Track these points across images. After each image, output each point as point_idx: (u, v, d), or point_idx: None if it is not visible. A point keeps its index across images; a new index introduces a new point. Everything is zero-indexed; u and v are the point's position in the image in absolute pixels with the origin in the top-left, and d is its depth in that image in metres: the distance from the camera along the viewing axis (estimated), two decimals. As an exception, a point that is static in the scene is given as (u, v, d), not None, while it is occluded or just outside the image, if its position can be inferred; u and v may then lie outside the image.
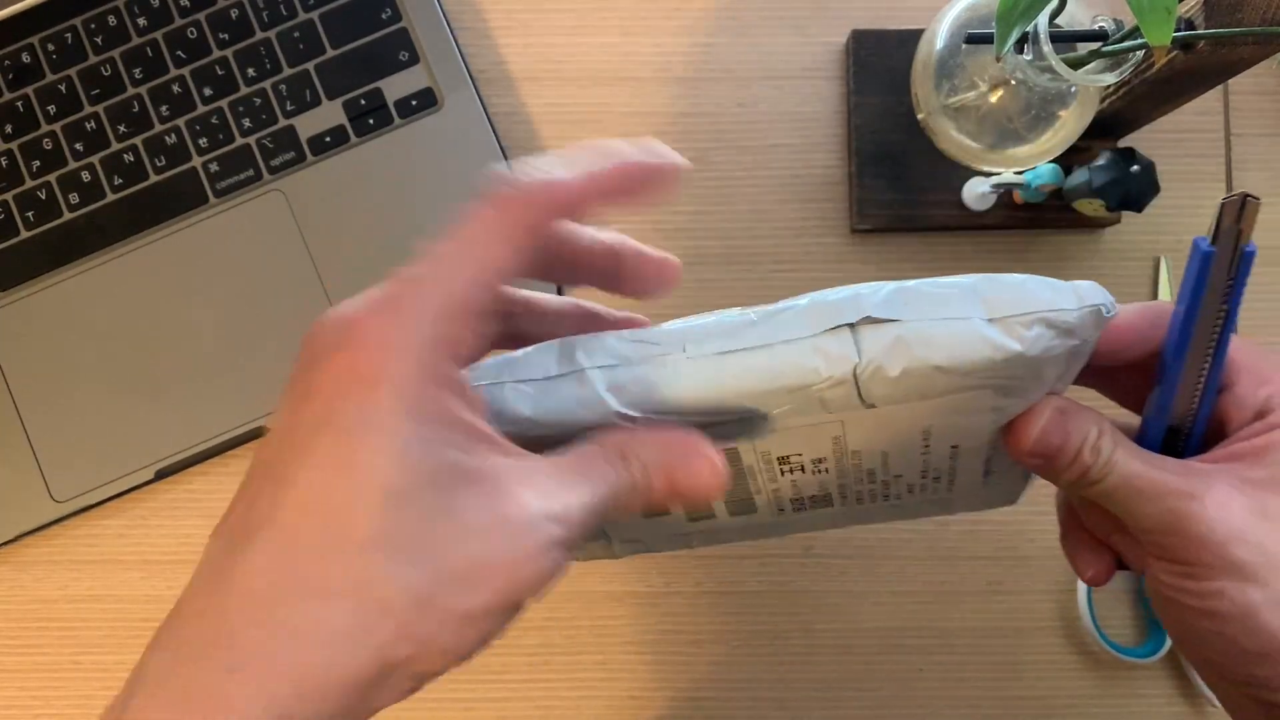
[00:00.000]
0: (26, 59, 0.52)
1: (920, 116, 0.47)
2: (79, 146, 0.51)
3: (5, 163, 0.51)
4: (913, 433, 0.33)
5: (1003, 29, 0.38)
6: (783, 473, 0.35)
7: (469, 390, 0.27)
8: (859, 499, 0.38)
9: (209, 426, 0.50)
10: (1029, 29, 0.40)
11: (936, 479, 0.37)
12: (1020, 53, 0.42)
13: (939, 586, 0.51)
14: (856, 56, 0.51)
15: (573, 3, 0.53)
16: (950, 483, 0.37)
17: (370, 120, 0.51)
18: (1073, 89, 0.45)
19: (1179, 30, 0.38)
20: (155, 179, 0.51)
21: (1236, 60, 0.39)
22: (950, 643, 0.51)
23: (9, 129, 0.51)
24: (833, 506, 0.38)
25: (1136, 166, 0.45)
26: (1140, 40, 0.39)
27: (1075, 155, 0.49)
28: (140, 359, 0.50)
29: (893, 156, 0.51)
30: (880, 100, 0.51)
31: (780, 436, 0.33)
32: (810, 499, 0.37)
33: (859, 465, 0.35)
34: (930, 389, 0.30)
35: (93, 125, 0.51)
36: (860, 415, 0.32)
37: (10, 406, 0.50)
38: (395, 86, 0.51)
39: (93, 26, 0.52)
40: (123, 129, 0.51)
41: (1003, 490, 0.40)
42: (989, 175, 0.49)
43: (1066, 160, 0.47)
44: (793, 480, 0.36)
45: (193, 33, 0.51)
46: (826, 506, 0.38)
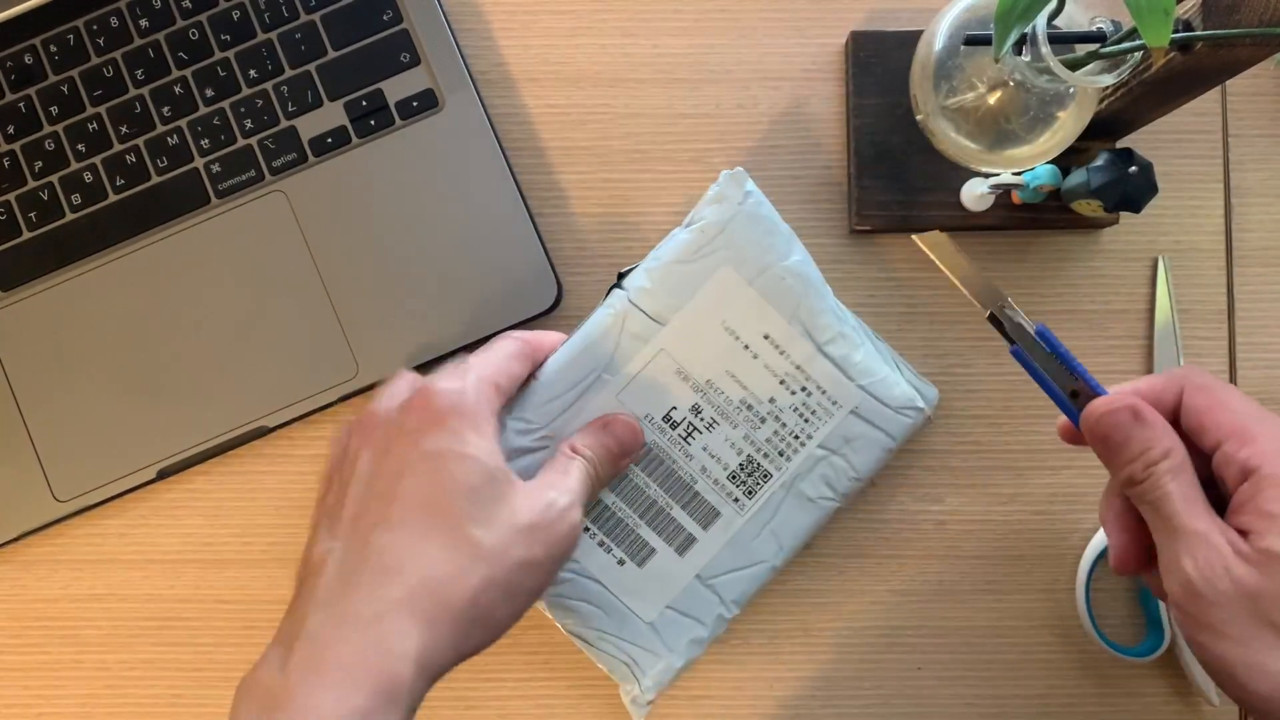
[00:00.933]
0: (29, 60, 0.52)
1: (919, 118, 0.47)
2: (81, 147, 0.51)
3: (8, 163, 0.51)
4: (721, 333, 0.47)
5: (1001, 30, 0.38)
6: (684, 438, 0.48)
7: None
8: (781, 453, 0.48)
9: (210, 426, 0.50)
10: (1027, 30, 0.41)
11: (804, 389, 0.48)
12: (1019, 54, 0.42)
13: (937, 586, 0.51)
14: (856, 58, 0.52)
15: (573, 4, 0.53)
16: (819, 388, 0.48)
17: (371, 121, 0.51)
18: (1071, 90, 0.45)
19: (1177, 31, 0.38)
20: (157, 180, 0.51)
21: (1234, 61, 0.39)
22: (949, 642, 0.51)
23: (11, 130, 0.51)
24: (771, 478, 0.48)
25: (1134, 167, 0.46)
26: (1138, 41, 0.40)
27: (1074, 156, 0.49)
28: (142, 359, 0.50)
29: (892, 157, 0.51)
30: (879, 101, 0.51)
31: (638, 390, 0.47)
32: (742, 470, 0.48)
33: (727, 399, 0.47)
34: (681, 282, 0.47)
35: (95, 126, 0.51)
36: (667, 336, 0.47)
37: (13, 406, 0.50)
38: (396, 88, 0.51)
39: (95, 28, 0.52)
40: (125, 130, 0.51)
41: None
42: (987, 176, 0.49)
43: (1065, 161, 0.47)
44: (703, 447, 0.48)
45: (194, 34, 0.52)
46: (766, 480, 0.48)
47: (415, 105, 0.51)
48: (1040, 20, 0.40)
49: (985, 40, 0.43)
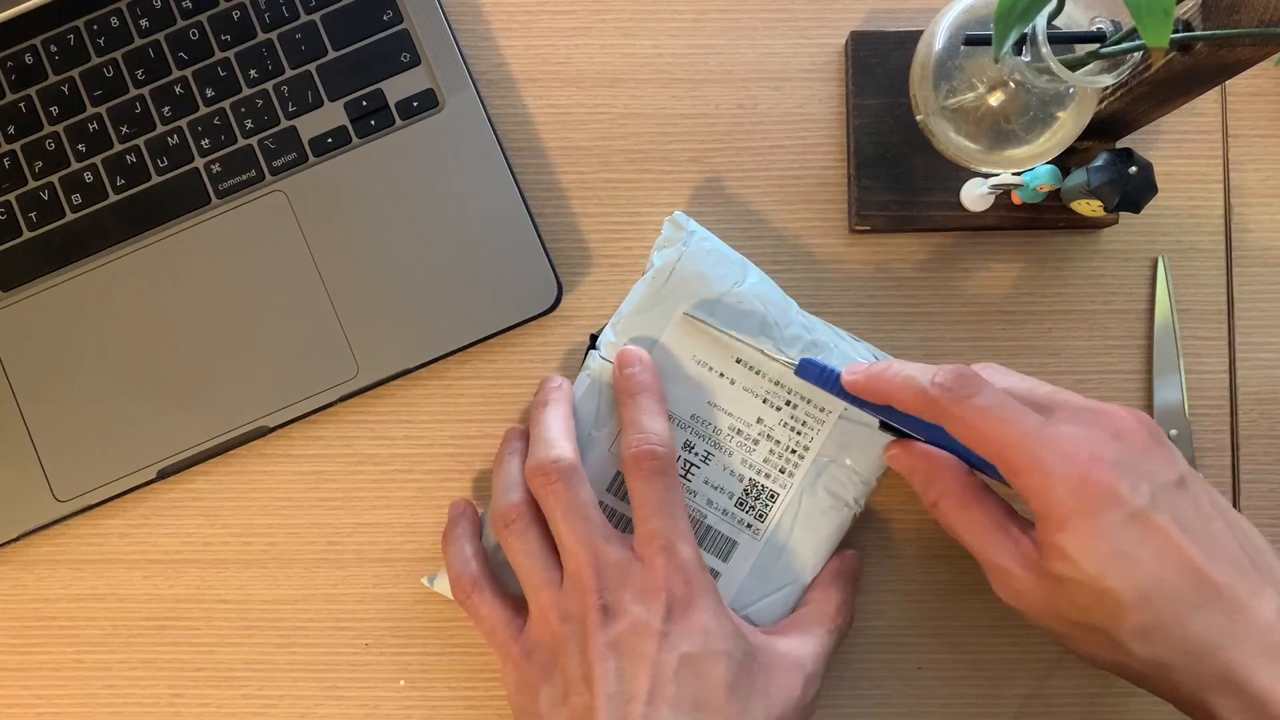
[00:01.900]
0: (29, 60, 0.52)
1: (919, 118, 0.47)
2: (81, 147, 0.51)
3: (8, 163, 0.51)
4: (695, 368, 0.48)
5: (1001, 30, 0.38)
6: (683, 475, 0.48)
7: None
8: (782, 470, 0.48)
9: (211, 426, 0.50)
10: (1027, 30, 0.41)
11: (788, 403, 0.48)
12: (1018, 54, 0.42)
13: (938, 585, 0.51)
14: (855, 58, 0.52)
15: (573, 4, 0.53)
16: (802, 399, 0.48)
17: (372, 121, 0.51)
18: (1071, 90, 0.45)
19: (1177, 32, 0.38)
20: (157, 180, 0.51)
21: (1234, 61, 0.39)
22: (949, 641, 0.51)
23: (12, 130, 0.51)
24: (778, 497, 0.48)
25: (1134, 167, 0.46)
26: (1138, 42, 0.40)
27: (1074, 156, 0.49)
28: (142, 359, 0.50)
29: (891, 158, 0.51)
30: (879, 102, 0.51)
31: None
32: (748, 495, 0.48)
33: (715, 428, 0.48)
34: (645, 330, 0.48)
35: (95, 126, 0.51)
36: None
37: (13, 406, 0.50)
38: (397, 88, 0.51)
39: (95, 28, 0.52)
40: (125, 130, 0.51)
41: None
42: (987, 176, 0.49)
43: (1064, 161, 0.48)
44: (704, 480, 0.48)
45: (195, 34, 0.52)
46: (774, 501, 0.48)
47: (415, 105, 0.51)
48: (1040, 20, 0.40)
49: (985, 40, 0.43)
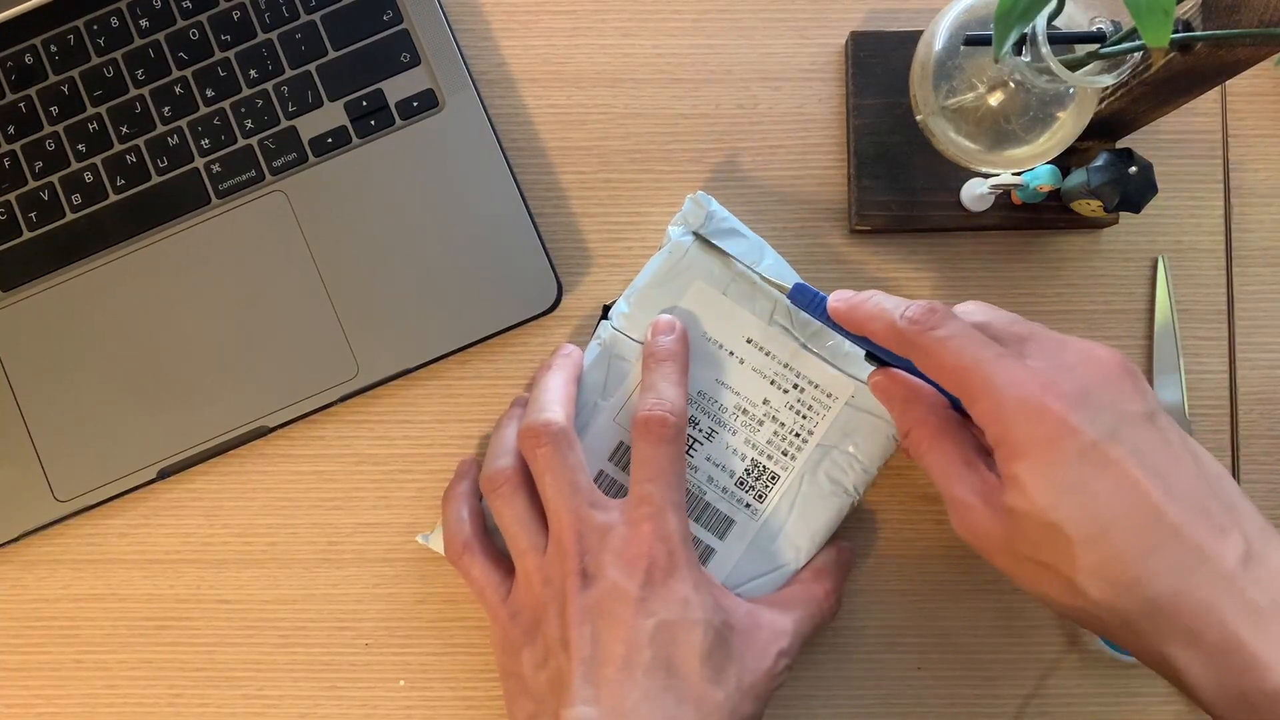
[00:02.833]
0: (29, 60, 0.52)
1: (919, 118, 0.47)
2: (81, 147, 0.51)
3: (8, 163, 0.51)
4: (705, 344, 0.48)
5: (1001, 31, 0.38)
6: (686, 451, 0.47)
7: None
8: (785, 453, 0.48)
9: (211, 426, 0.50)
10: (1027, 31, 0.41)
11: (795, 386, 0.48)
12: (1018, 54, 0.42)
13: (937, 585, 0.51)
14: (855, 58, 0.52)
15: (573, 4, 0.53)
16: (810, 382, 0.48)
17: (372, 121, 0.51)
18: (1071, 90, 0.45)
19: (1177, 32, 0.38)
20: (157, 180, 0.51)
21: (1234, 62, 0.39)
22: (948, 641, 0.51)
23: (12, 130, 0.51)
24: (779, 479, 0.48)
25: (1134, 167, 0.46)
26: (1138, 42, 0.40)
27: (1074, 156, 0.49)
28: (143, 359, 0.50)
29: (891, 157, 0.51)
30: (879, 102, 0.51)
31: (632, 411, 0.47)
32: (749, 474, 0.48)
33: (721, 406, 0.48)
34: (659, 303, 0.49)
35: (95, 126, 0.51)
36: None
37: (13, 406, 0.50)
38: (397, 88, 0.51)
39: (95, 28, 0.52)
40: (125, 130, 0.51)
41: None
42: (987, 176, 0.49)
43: (1065, 161, 0.48)
44: (706, 457, 0.48)
45: (195, 34, 0.52)
46: (775, 482, 0.48)
47: (415, 105, 0.51)
48: (1040, 20, 0.40)
49: (985, 40, 0.43)
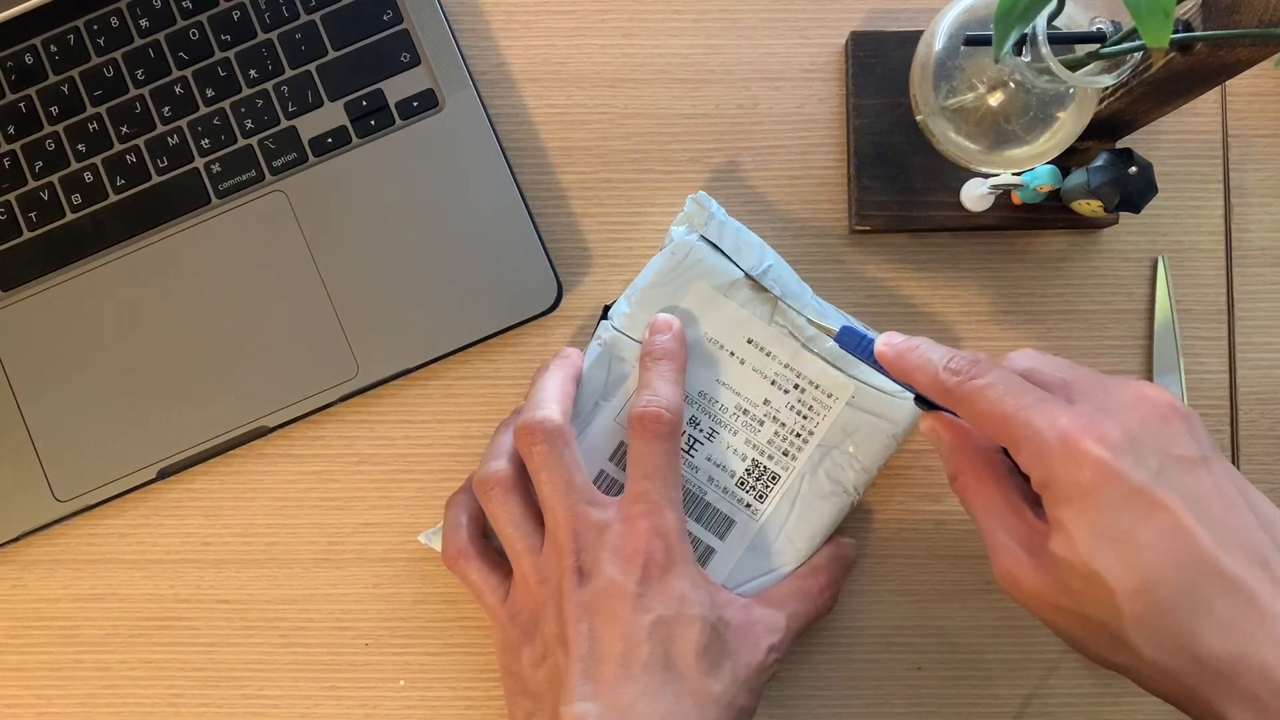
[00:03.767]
0: (29, 60, 0.52)
1: (919, 118, 0.47)
2: (81, 147, 0.51)
3: (8, 163, 0.51)
4: (705, 345, 0.48)
5: (1001, 31, 0.38)
6: (686, 450, 0.48)
7: None
8: (785, 453, 0.48)
9: (211, 426, 0.50)
10: (1027, 31, 0.41)
11: (796, 387, 0.48)
12: (1018, 55, 0.42)
13: (937, 585, 0.51)
14: (855, 58, 0.52)
15: (573, 4, 0.53)
16: (811, 383, 0.48)
17: (372, 121, 0.51)
18: (1071, 90, 0.45)
19: (1177, 32, 0.38)
20: (157, 179, 0.51)
21: (1234, 62, 0.39)
22: (949, 641, 0.51)
23: (12, 130, 0.51)
24: (779, 479, 0.48)
25: (1134, 167, 0.46)
26: (1138, 42, 0.40)
27: (1074, 156, 0.49)
28: (143, 358, 0.50)
29: (891, 158, 0.51)
30: (879, 102, 0.51)
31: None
32: (749, 474, 0.48)
33: (722, 406, 0.48)
34: (659, 303, 0.48)
35: (95, 126, 0.51)
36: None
37: (13, 406, 0.50)
38: (397, 88, 0.51)
39: (95, 28, 0.52)
40: (125, 130, 0.51)
41: None
42: (987, 176, 0.49)
43: (1065, 161, 0.48)
44: (707, 457, 0.48)
45: (195, 34, 0.52)
46: (775, 482, 0.48)
47: (415, 105, 0.51)
48: (1040, 21, 0.40)
49: (985, 41, 0.43)
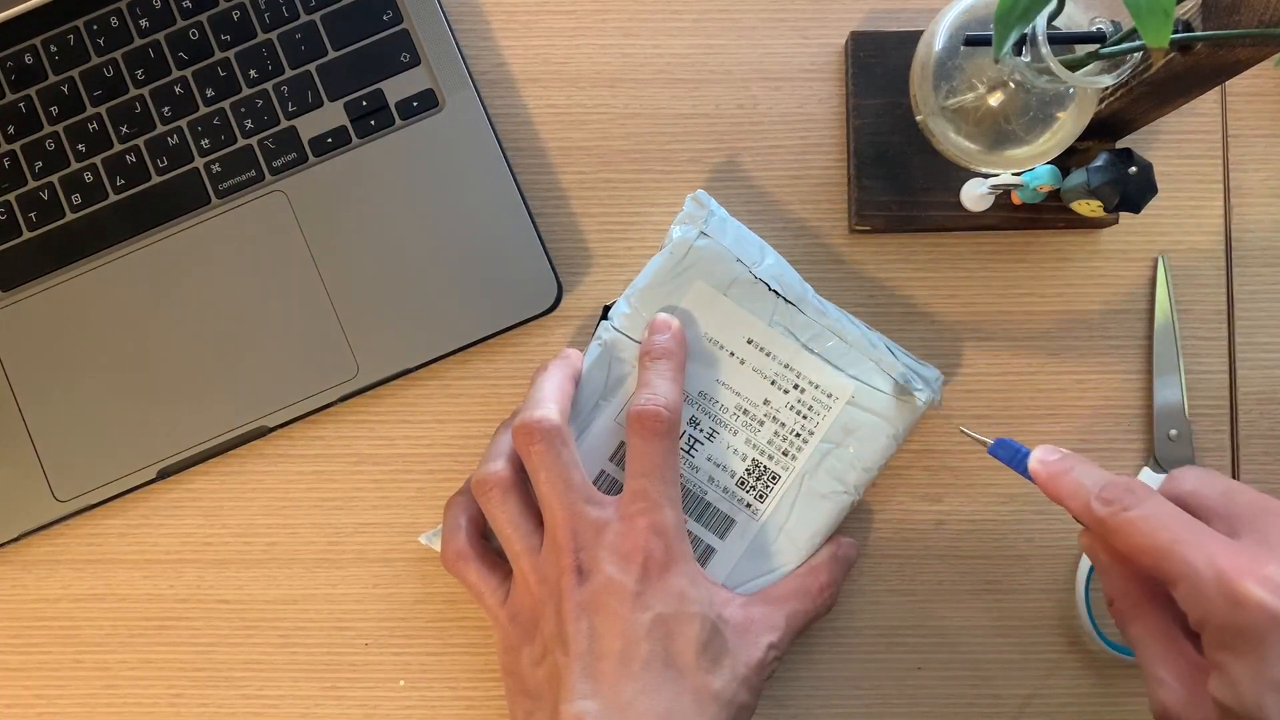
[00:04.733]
0: (29, 60, 0.52)
1: (919, 118, 0.47)
2: (81, 147, 0.51)
3: (8, 163, 0.51)
4: (705, 344, 0.48)
5: (1001, 31, 0.38)
6: (687, 450, 0.48)
7: None
8: (785, 453, 0.48)
9: (211, 426, 0.50)
10: (1027, 31, 0.41)
11: (796, 387, 0.48)
12: (1018, 55, 0.42)
13: (937, 585, 0.51)
14: (855, 58, 0.52)
15: (573, 4, 0.53)
16: (811, 383, 0.48)
17: (372, 121, 0.51)
18: (1071, 90, 0.45)
19: (1177, 32, 0.38)
20: (157, 180, 0.51)
21: (1234, 62, 0.39)
22: (948, 641, 0.51)
23: (11, 130, 0.51)
24: (780, 479, 0.48)
25: (1134, 167, 0.46)
26: (1138, 42, 0.40)
27: (1074, 156, 0.49)
28: (143, 359, 0.50)
29: (891, 158, 0.51)
30: (879, 102, 0.51)
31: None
32: (750, 474, 0.48)
33: (722, 406, 0.48)
34: (659, 303, 0.48)
35: (95, 126, 0.51)
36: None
37: (13, 406, 0.50)
38: (397, 88, 0.51)
39: (95, 28, 0.52)
40: (125, 130, 0.51)
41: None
42: (987, 176, 0.49)
43: (1065, 161, 0.48)
44: (707, 457, 0.48)
45: (195, 34, 0.52)
46: (775, 482, 0.48)
47: (415, 105, 0.51)
48: (1040, 21, 0.40)
49: (985, 41, 0.43)
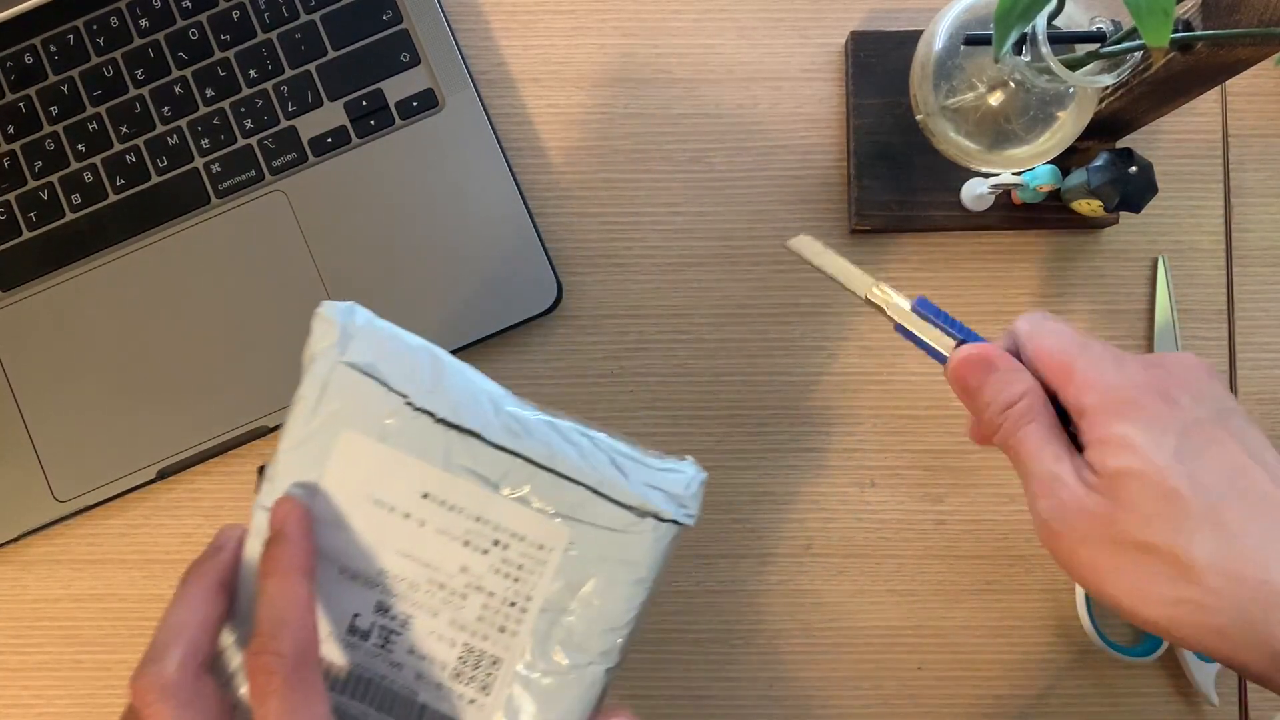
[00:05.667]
0: (29, 60, 0.52)
1: (919, 118, 0.47)
2: (81, 147, 0.51)
3: (8, 163, 0.51)
4: (372, 509, 0.37)
5: (1001, 30, 0.38)
6: (382, 646, 0.37)
7: None
8: (501, 629, 0.37)
9: (211, 426, 0.50)
10: (1027, 30, 0.41)
11: (496, 543, 0.37)
12: (1018, 54, 0.42)
13: (937, 585, 0.51)
14: (856, 58, 0.52)
15: (573, 4, 0.53)
16: (514, 535, 0.37)
17: (371, 121, 0.51)
18: (1071, 90, 0.45)
19: (1177, 31, 0.38)
20: (157, 179, 0.51)
21: (1234, 61, 0.39)
22: (949, 641, 0.51)
23: (12, 130, 0.51)
24: (501, 663, 0.37)
25: (1134, 167, 0.46)
26: (1138, 41, 0.40)
27: (1074, 156, 0.49)
28: (142, 359, 0.50)
29: (891, 157, 0.51)
30: (879, 101, 0.51)
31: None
32: (464, 663, 0.37)
33: (411, 584, 0.37)
34: (303, 468, 0.37)
35: (95, 126, 0.51)
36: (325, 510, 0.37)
37: (13, 406, 0.50)
38: (396, 88, 0.51)
39: (95, 28, 0.52)
40: (125, 130, 0.51)
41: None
42: (987, 176, 0.49)
43: (1064, 161, 0.48)
44: (408, 650, 0.37)
45: (194, 34, 0.52)
46: (497, 667, 0.37)
47: (415, 105, 0.51)
48: (1040, 20, 0.40)
49: (985, 40, 0.43)
